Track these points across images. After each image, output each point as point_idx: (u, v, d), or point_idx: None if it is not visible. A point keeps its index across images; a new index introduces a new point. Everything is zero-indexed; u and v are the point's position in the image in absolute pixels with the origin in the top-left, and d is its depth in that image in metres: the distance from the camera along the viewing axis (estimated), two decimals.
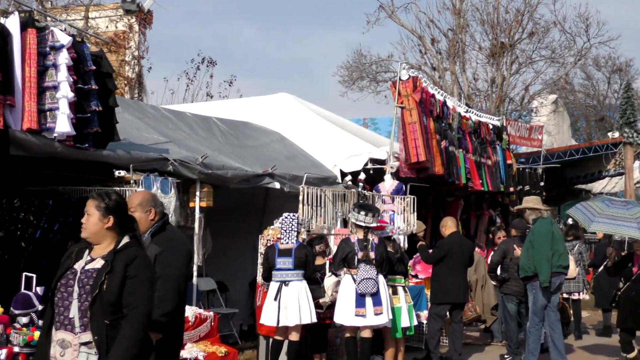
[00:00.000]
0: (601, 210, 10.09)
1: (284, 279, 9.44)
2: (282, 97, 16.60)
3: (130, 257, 4.33)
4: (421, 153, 13.18)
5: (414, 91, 13.55)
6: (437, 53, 29.72)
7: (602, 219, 9.92)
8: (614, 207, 10.16)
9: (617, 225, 9.81)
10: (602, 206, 10.22)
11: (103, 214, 4.45)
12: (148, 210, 5.40)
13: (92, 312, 4.18)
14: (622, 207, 10.19)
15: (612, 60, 44.65)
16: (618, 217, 9.87)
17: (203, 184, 10.31)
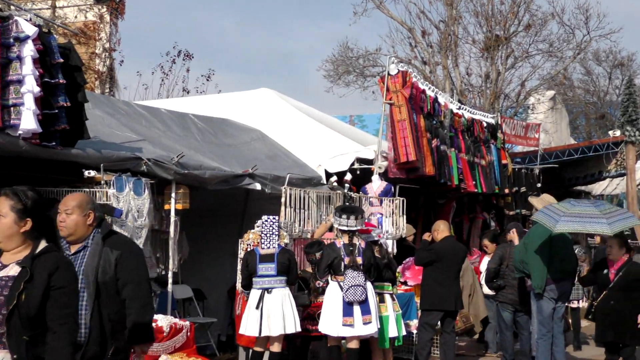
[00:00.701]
0: (566, 209, 9.90)
1: (267, 286, 9.44)
2: (263, 92, 16.59)
3: (53, 264, 3.97)
4: (411, 152, 13.22)
5: (403, 87, 13.60)
6: (428, 46, 29.80)
7: (567, 218, 9.67)
8: (579, 206, 10.00)
9: (583, 223, 9.59)
10: (567, 206, 10.05)
11: (19, 216, 4.08)
12: (87, 214, 5.10)
13: (9, 327, 3.81)
14: (590, 205, 10.07)
15: (613, 54, 44.95)
16: (585, 215, 9.67)
17: (179, 185, 10.29)
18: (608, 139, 23.09)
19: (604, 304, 9.76)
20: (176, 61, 28.95)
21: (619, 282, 9.61)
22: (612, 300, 9.67)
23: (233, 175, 11.18)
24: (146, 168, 9.72)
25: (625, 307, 9.56)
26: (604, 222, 9.47)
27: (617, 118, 38.51)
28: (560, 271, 10.24)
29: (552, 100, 31.47)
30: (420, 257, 10.92)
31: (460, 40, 29.85)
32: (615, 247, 9.74)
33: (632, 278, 9.57)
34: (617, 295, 9.65)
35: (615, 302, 9.64)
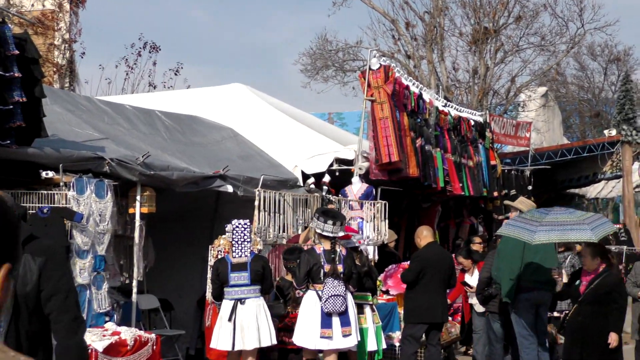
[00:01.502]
0: (540, 218, 9.67)
1: (239, 296, 9.43)
2: (236, 88, 16.57)
3: None
4: (393, 152, 13.26)
5: (385, 82, 13.64)
6: (412, 39, 29.90)
7: (546, 227, 9.44)
8: (553, 214, 9.78)
9: (566, 231, 9.42)
10: (538, 215, 9.82)
11: None
12: None
13: None
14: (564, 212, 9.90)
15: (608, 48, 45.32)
16: (564, 223, 9.49)
17: (144, 187, 10.26)
18: (603, 138, 23.29)
19: (573, 319, 9.34)
20: (142, 54, 28.85)
21: (589, 296, 9.14)
22: (581, 316, 9.21)
23: (203, 177, 11.16)
24: (109, 169, 9.68)
25: (595, 323, 9.11)
26: (585, 228, 9.32)
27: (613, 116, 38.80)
28: (533, 280, 10.22)
29: (544, 97, 31.67)
30: (406, 275, 10.85)
31: (446, 32, 30.00)
32: (588, 256, 9.29)
33: (604, 291, 9.06)
34: (586, 309, 9.17)
35: (583, 317, 9.18)
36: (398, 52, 30.04)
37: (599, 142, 23.08)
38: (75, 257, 9.10)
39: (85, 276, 9.19)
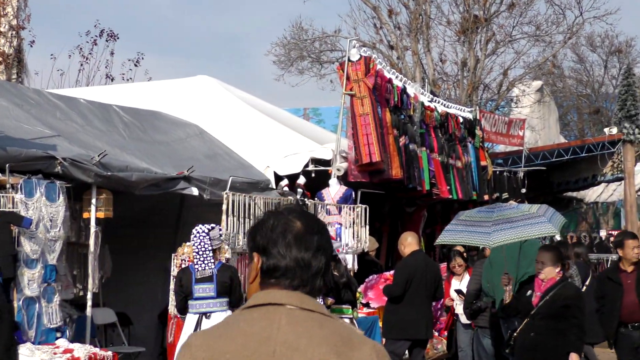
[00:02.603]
0: (487, 217, 9.56)
1: (205, 309, 9.41)
2: (202, 80, 16.55)
3: None
4: (375, 152, 13.29)
5: (366, 75, 13.67)
6: (396, 28, 29.95)
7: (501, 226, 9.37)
8: (498, 211, 9.73)
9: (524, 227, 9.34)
10: (483, 215, 9.70)
11: None
12: None
13: None
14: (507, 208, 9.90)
15: (609, 39, 45.69)
16: (515, 219, 9.44)
17: (100, 189, 10.22)
18: (603, 137, 23.45)
19: (524, 336, 8.74)
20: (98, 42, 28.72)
21: (544, 309, 8.55)
22: (533, 332, 8.65)
23: (165, 178, 11.13)
24: (61, 169, 9.64)
25: (551, 341, 8.59)
26: (543, 220, 9.38)
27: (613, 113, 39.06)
28: None
29: (539, 92, 31.83)
30: (392, 290, 10.81)
31: (432, 21, 30.05)
32: (548, 262, 8.59)
33: (561, 304, 8.49)
34: (540, 325, 8.60)
35: (537, 334, 8.62)
36: (380, 42, 30.10)
37: (599, 142, 23.23)
38: (23, 266, 9.04)
39: (34, 288, 9.13)
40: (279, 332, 2.62)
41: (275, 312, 2.66)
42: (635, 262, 9.92)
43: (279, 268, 2.71)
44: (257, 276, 2.77)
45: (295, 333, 2.62)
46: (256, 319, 2.67)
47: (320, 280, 2.79)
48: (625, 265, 9.98)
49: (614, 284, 10.05)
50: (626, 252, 9.93)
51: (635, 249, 9.87)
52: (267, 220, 2.80)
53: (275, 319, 2.65)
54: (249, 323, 2.68)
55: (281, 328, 2.63)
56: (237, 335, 2.65)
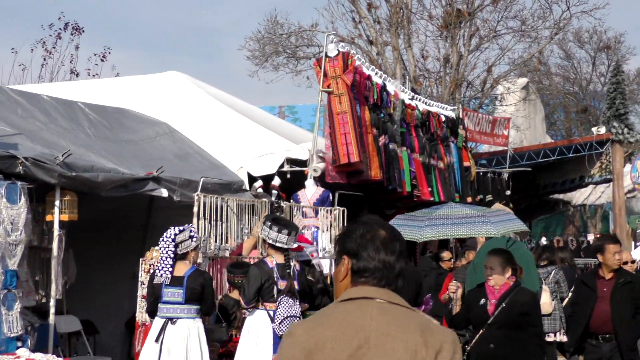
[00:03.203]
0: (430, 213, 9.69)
1: (171, 315, 9.39)
2: (172, 76, 16.52)
3: None
4: (353, 152, 13.30)
5: (344, 71, 13.68)
6: (375, 22, 30.01)
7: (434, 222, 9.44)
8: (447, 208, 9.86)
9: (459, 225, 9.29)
10: (429, 211, 9.87)
11: None
12: None
13: None
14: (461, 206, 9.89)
15: (597, 35, 45.92)
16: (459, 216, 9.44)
17: (64, 190, 10.17)
18: (591, 137, 23.57)
19: (480, 348, 8.39)
20: (62, 36, 28.67)
21: (501, 317, 8.23)
22: (492, 343, 8.30)
23: (133, 179, 11.10)
24: (23, 169, 9.58)
25: (511, 352, 8.24)
26: (487, 221, 9.25)
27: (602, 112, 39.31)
28: None
29: (525, 90, 32.00)
30: None
31: (414, 15, 30.14)
32: (497, 268, 8.34)
33: (518, 311, 8.18)
34: (498, 335, 8.26)
35: (496, 345, 8.28)
36: (359, 36, 30.15)
37: (587, 142, 23.34)
38: None
39: None
40: (372, 321, 3.25)
41: (367, 304, 3.31)
42: (615, 269, 9.43)
43: (369, 269, 3.39)
44: (347, 275, 3.45)
45: (386, 322, 3.26)
46: (351, 310, 3.31)
47: (400, 280, 3.46)
48: (605, 272, 9.49)
49: (588, 290, 9.61)
50: (607, 258, 9.42)
51: (616, 255, 9.40)
52: (357, 228, 3.47)
53: (367, 310, 3.28)
54: (344, 314, 3.31)
55: (373, 318, 3.26)
56: (335, 324, 3.27)
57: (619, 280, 9.42)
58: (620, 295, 9.39)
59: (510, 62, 32.28)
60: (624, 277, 9.50)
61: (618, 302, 9.35)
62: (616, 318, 9.31)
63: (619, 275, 9.46)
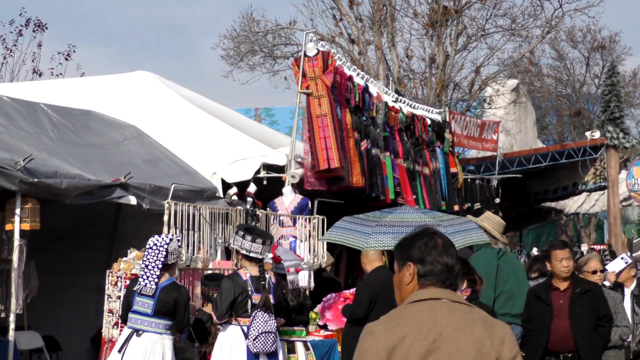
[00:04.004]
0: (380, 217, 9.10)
1: (138, 326, 9.36)
2: (141, 76, 16.49)
3: None
4: (333, 157, 13.31)
5: (324, 72, 13.69)
6: (357, 20, 30.03)
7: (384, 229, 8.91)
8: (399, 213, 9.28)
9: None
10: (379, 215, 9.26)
11: None
12: None
13: None
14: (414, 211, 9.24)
15: (591, 34, 46.16)
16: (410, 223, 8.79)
17: (26, 197, 10.14)
18: (585, 142, 23.69)
19: None
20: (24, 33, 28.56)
21: None
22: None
23: (99, 186, 11.07)
24: None
25: None
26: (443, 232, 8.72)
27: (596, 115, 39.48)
28: (504, 313, 10.26)
29: (515, 92, 32.06)
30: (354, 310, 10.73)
31: (398, 12, 30.17)
32: None
33: None
34: None
35: None
36: (340, 35, 30.14)
37: (580, 147, 23.46)
38: None
39: None
40: (442, 318, 3.94)
41: (436, 304, 4.00)
42: (568, 277, 8.85)
43: (434, 272, 4.09)
44: (413, 280, 4.13)
45: (455, 318, 3.96)
46: (422, 310, 3.99)
47: (458, 280, 4.26)
48: (558, 282, 8.93)
49: (542, 305, 9.10)
50: (553, 265, 8.87)
51: (564, 261, 8.79)
52: (419, 238, 4.18)
53: (437, 309, 3.97)
54: (418, 313, 3.99)
55: (443, 315, 3.96)
56: (410, 322, 3.95)
57: (575, 290, 8.88)
58: (579, 307, 8.88)
59: (499, 63, 32.28)
60: (581, 286, 8.94)
61: (577, 315, 8.86)
62: (577, 333, 8.83)
63: (574, 285, 8.92)
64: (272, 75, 32.46)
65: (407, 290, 4.18)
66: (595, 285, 9.30)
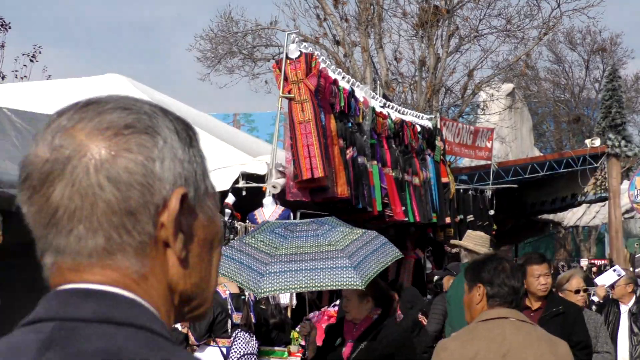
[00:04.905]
0: (278, 246, 7.76)
1: None
2: (112, 79, 16.46)
3: None
4: (317, 166, 13.30)
5: (307, 75, 13.69)
6: (343, 20, 30.07)
7: (284, 266, 7.51)
8: (296, 238, 7.84)
9: (316, 270, 7.42)
10: (276, 241, 7.86)
11: None
12: None
13: None
14: (312, 233, 7.86)
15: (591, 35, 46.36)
16: (313, 257, 7.52)
17: None
18: (584, 150, 23.74)
19: None
20: None
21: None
22: None
23: None
24: None
25: None
26: (345, 265, 7.44)
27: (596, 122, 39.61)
28: None
29: (510, 97, 32.15)
30: None
31: (386, 12, 30.21)
32: (353, 298, 7.33)
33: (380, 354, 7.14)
34: None
35: None
36: (324, 36, 30.17)
37: (579, 155, 23.50)
38: None
39: None
40: (510, 335, 4.59)
41: (504, 323, 4.67)
42: (543, 295, 8.09)
43: (501, 294, 4.75)
44: (482, 300, 4.79)
45: (521, 335, 4.62)
46: (491, 328, 4.67)
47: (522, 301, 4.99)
48: (531, 301, 8.04)
49: None
50: (529, 282, 7.83)
51: (541, 278, 8.03)
52: (489, 262, 4.88)
53: (505, 327, 4.64)
54: (488, 331, 4.66)
55: (511, 333, 4.62)
56: (481, 339, 4.63)
57: (547, 312, 8.05)
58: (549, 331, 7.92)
59: (493, 66, 32.40)
60: (556, 307, 8.10)
61: None
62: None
63: (549, 305, 8.11)
64: (252, 79, 32.56)
65: (476, 309, 4.85)
66: (573, 306, 8.51)
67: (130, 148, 1.45)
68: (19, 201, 1.59)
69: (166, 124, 1.56)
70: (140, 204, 1.44)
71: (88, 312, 1.42)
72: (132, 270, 1.45)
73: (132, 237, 1.44)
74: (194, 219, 1.54)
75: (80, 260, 1.49)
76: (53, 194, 1.46)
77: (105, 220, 1.43)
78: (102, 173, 1.43)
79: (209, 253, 1.59)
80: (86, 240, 1.46)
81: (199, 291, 1.55)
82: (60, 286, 1.56)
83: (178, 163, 1.50)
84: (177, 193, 1.47)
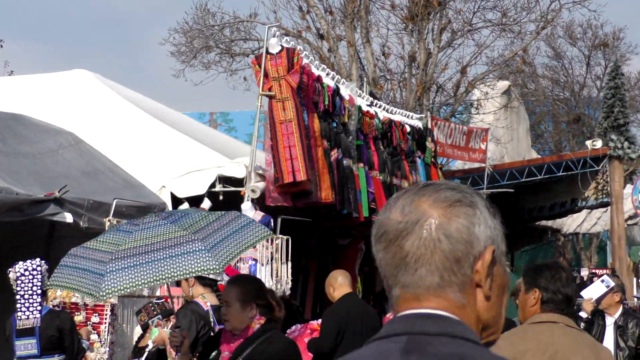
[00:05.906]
0: (120, 242, 7.16)
1: None
2: (79, 75, 16.45)
3: None
4: (299, 169, 13.31)
5: (289, 72, 13.71)
6: (327, 12, 30.09)
7: (123, 262, 6.91)
8: (143, 230, 7.22)
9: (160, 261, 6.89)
10: (120, 236, 7.29)
11: None
12: None
13: None
14: (163, 221, 7.24)
15: (592, 30, 46.45)
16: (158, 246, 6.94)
17: None
18: (585, 152, 23.80)
19: None
20: None
21: None
22: None
23: (30, 201, 11.03)
24: None
25: None
26: (198, 248, 6.92)
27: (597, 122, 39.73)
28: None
29: (506, 95, 32.22)
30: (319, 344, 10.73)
31: (373, 4, 30.26)
32: (234, 302, 6.82)
33: None
34: None
35: None
36: (307, 29, 30.19)
37: (580, 158, 23.56)
38: None
39: None
40: (558, 339, 5.21)
41: (553, 327, 5.28)
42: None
43: (555, 300, 5.37)
44: (537, 303, 5.41)
45: (568, 340, 5.22)
46: (541, 331, 5.30)
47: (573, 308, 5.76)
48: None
49: None
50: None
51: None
52: (547, 268, 5.50)
53: (554, 331, 5.25)
54: (537, 333, 5.30)
55: (559, 337, 5.23)
56: (531, 339, 5.27)
57: None
58: None
59: (488, 62, 32.51)
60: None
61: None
62: None
63: None
64: (230, 75, 32.47)
65: (530, 311, 5.46)
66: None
67: (459, 215, 2.27)
68: (376, 250, 2.34)
69: (481, 200, 2.33)
70: (464, 254, 2.24)
71: (433, 328, 2.19)
72: (456, 301, 2.24)
73: (457, 277, 2.24)
74: (496, 269, 2.31)
75: (420, 292, 2.26)
76: (405, 244, 2.25)
77: (441, 264, 2.24)
78: (440, 231, 2.25)
79: (502, 295, 2.35)
80: (426, 278, 2.24)
81: (494, 322, 2.35)
82: (404, 312, 2.27)
83: (488, 228, 2.30)
84: (490, 249, 2.28)
